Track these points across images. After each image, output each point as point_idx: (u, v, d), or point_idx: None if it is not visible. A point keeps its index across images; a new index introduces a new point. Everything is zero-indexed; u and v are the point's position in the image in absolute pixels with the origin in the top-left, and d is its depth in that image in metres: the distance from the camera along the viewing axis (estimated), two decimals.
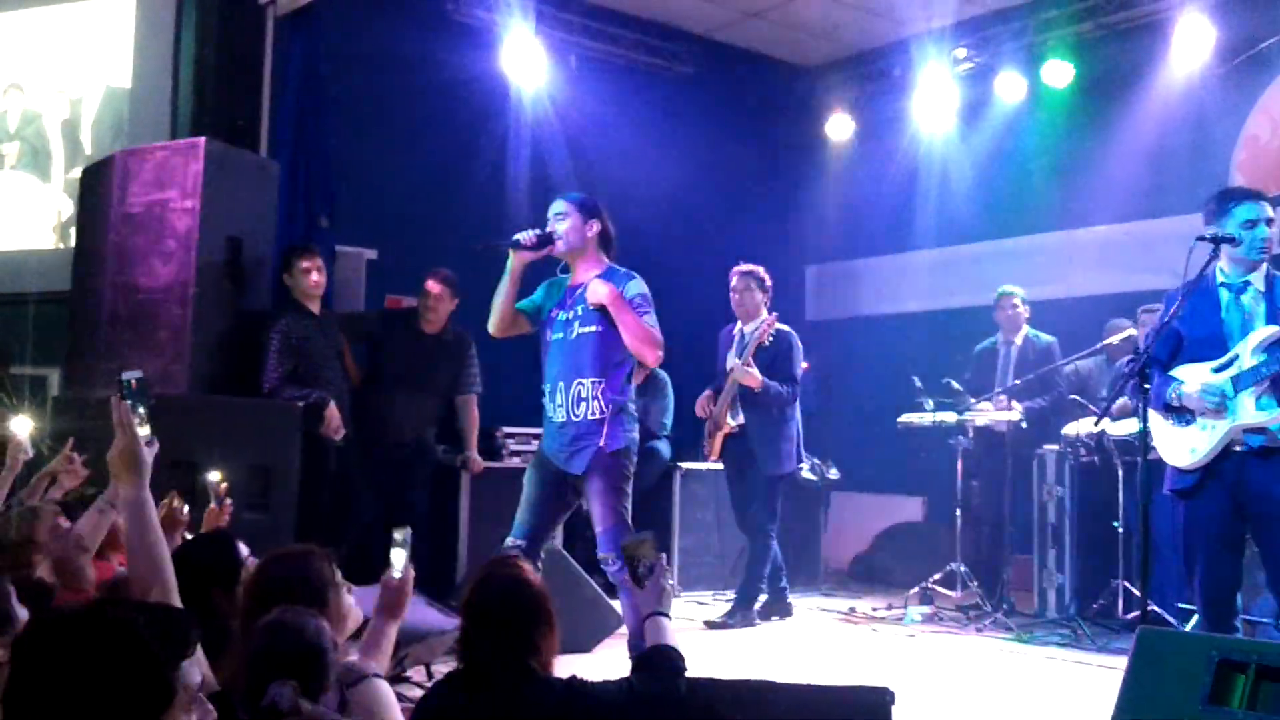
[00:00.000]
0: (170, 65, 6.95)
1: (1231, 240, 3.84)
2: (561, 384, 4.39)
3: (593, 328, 4.37)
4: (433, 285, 6.30)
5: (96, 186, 5.81)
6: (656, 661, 2.61)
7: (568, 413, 4.36)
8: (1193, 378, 3.92)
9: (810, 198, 9.74)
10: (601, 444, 4.29)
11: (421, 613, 4.37)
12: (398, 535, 2.89)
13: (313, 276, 5.79)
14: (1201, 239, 3.88)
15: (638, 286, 4.44)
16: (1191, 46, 7.41)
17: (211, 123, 6.62)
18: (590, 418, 4.32)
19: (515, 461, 6.70)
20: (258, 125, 6.81)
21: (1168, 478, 4.05)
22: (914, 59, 8.91)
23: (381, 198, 7.44)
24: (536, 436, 6.76)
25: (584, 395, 4.34)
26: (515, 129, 8.25)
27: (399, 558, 2.87)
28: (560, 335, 4.44)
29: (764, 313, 6.66)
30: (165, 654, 1.59)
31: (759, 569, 6.56)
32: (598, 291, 4.31)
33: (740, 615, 6.49)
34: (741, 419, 6.61)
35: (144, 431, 2.39)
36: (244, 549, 3.03)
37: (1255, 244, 3.88)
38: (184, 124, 6.81)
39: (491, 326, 4.57)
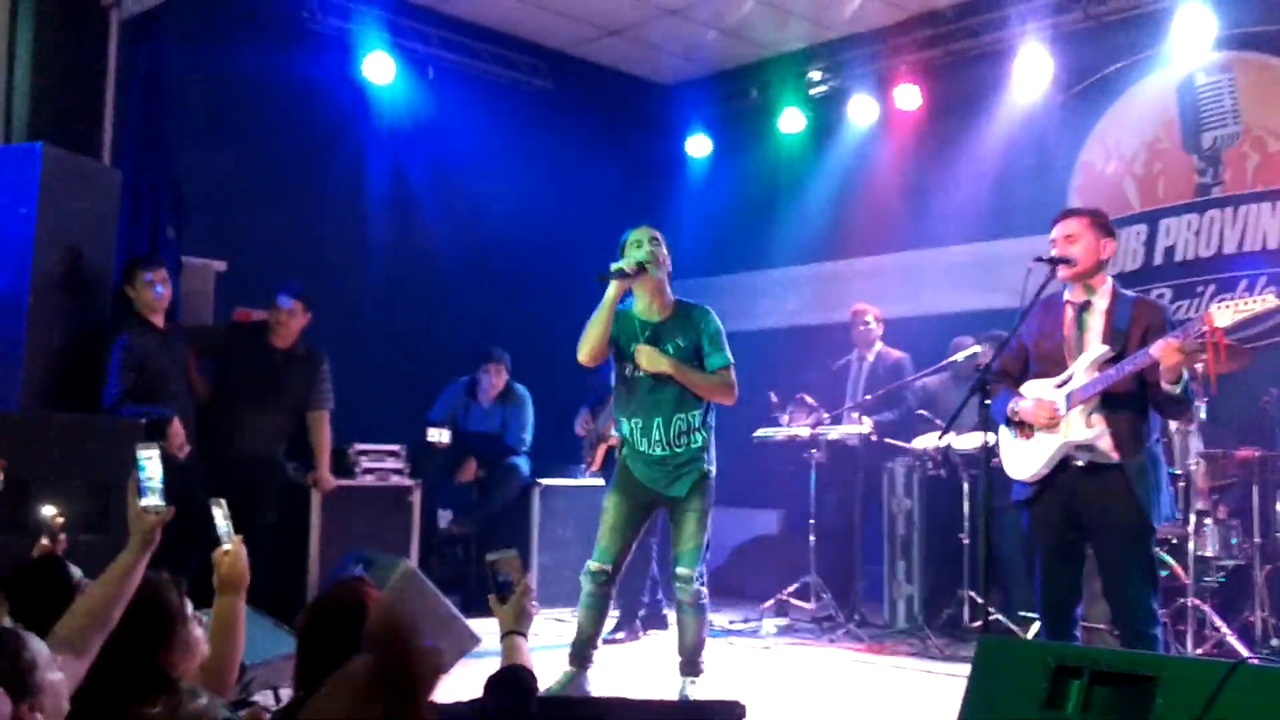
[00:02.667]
0: (5, 67, 6.61)
1: (1066, 262, 3.99)
2: (659, 420, 4.56)
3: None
4: (284, 300, 6.14)
5: None
6: (508, 682, 2.59)
7: (668, 446, 4.58)
8: (1035, 393, 4.05)
9: (669, 215, 9.78)
10: (707, 468, 4.65)
11: (267, 635, 4.25)
12: (218, 511, 2.84)
13: (156, 289, 5.59)
14: (1039, 260, 4.02)
15: (715, 323, 4.70)
16: (1032, 76, 7.74)
17: (50, 128, 6.33)
18: (694, 446, 4.60)
19: (368, 479, 6.57)
20: (100, 131, 6.53)
21: (1012, 488, 4.19)
22: (771, 80, 9.10)
23: (232, 208, 7.24)
24: (391, 454, 6.73)
25: (685, 429, 4.58)
26: (371, 140, 8.14)
27: (223, 529, 2.80)
28: (642, 372, 4.56)
29: None
30: None
31: (641, 581, 6.64)
32: (656, 364, 4.50)
33: (627, 629, 6.56)
34: None
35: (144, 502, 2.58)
36: (77, 571, 2.91)
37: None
38: (19, 128, 6.49)
39: (584, 356, 4.58)
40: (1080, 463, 3.95)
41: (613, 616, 6.80)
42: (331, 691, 1.57)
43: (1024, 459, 4.07)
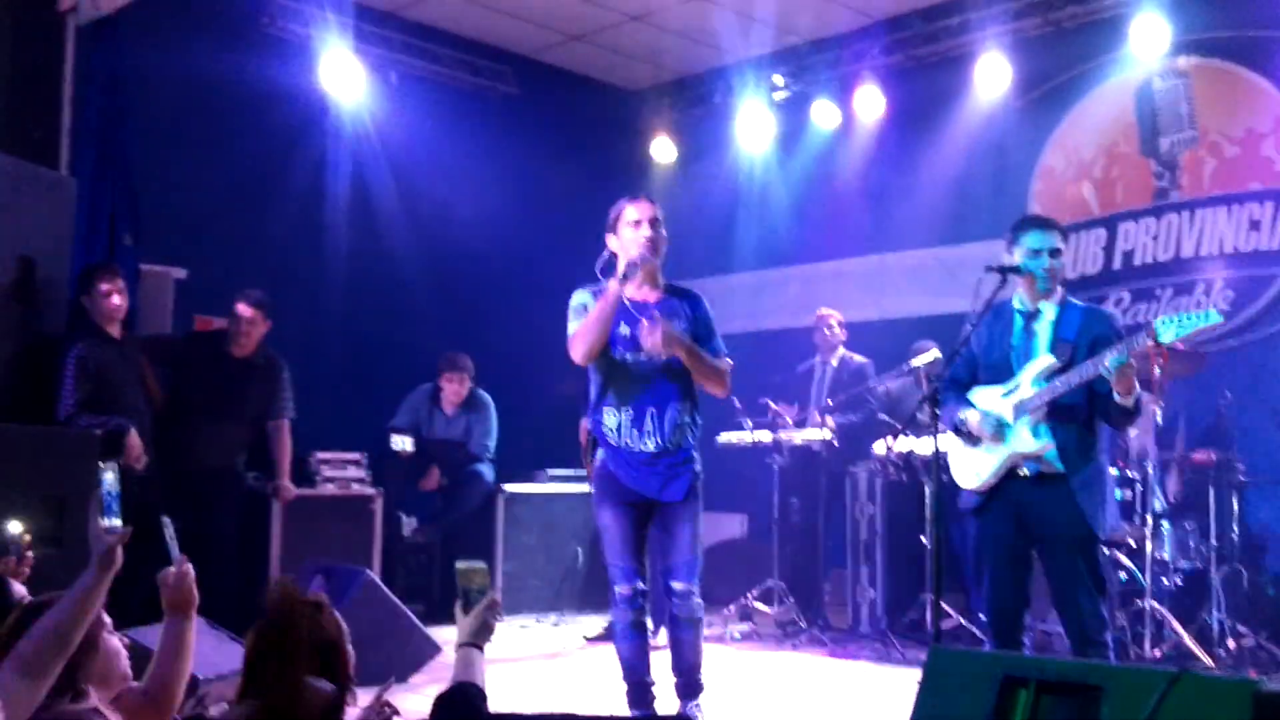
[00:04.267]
0: None
1: (1017, 270, 4.01)
2: (652, 410, 4.16)
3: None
4: (244, 308, 6.09)
5: None
6: (457, 699, 2.57)
7: (662, 440, 4.16)
8: (984, 401, 4.08)
9: None
10: (698, 469, 4.24)
11: (223, 648, 4.23)
12: (166, 531, 2.82)
13: (113, 299, 5.53)
14: (990, 269, 4.04)
15: (708, 308, 4.39)
16: (992, 81, 7.79)
17: (4, 135, 6.27)
18: (690, 442, 4.23)
19: (330, 488, 6.54)
20: (57, 138, 6.46)
21: (960, 496, 4.21)
22: (734, 85, 9.12)
23: (191, 216, 7.17)
24: (352, 462, 6.70)
25: (679, 421, 4.19)
26: (333, 146, 8.08)
27: (172, 549, 2.84)
28: (636, 356, 4.18)
29: None
30: None
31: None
32: (658, 344, 4.04)
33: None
34: None
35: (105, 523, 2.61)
36: (20, 590, 2.89)
37: (1039, 273, 4.02)
38: None
39: (580, 355, 4.20)
40: (1026, 473, 3.98)
41: (552, 625, 6.88)
42: None
43: (971, 468, 4.10)
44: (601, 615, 6.92)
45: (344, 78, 7.97)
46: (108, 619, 2.60)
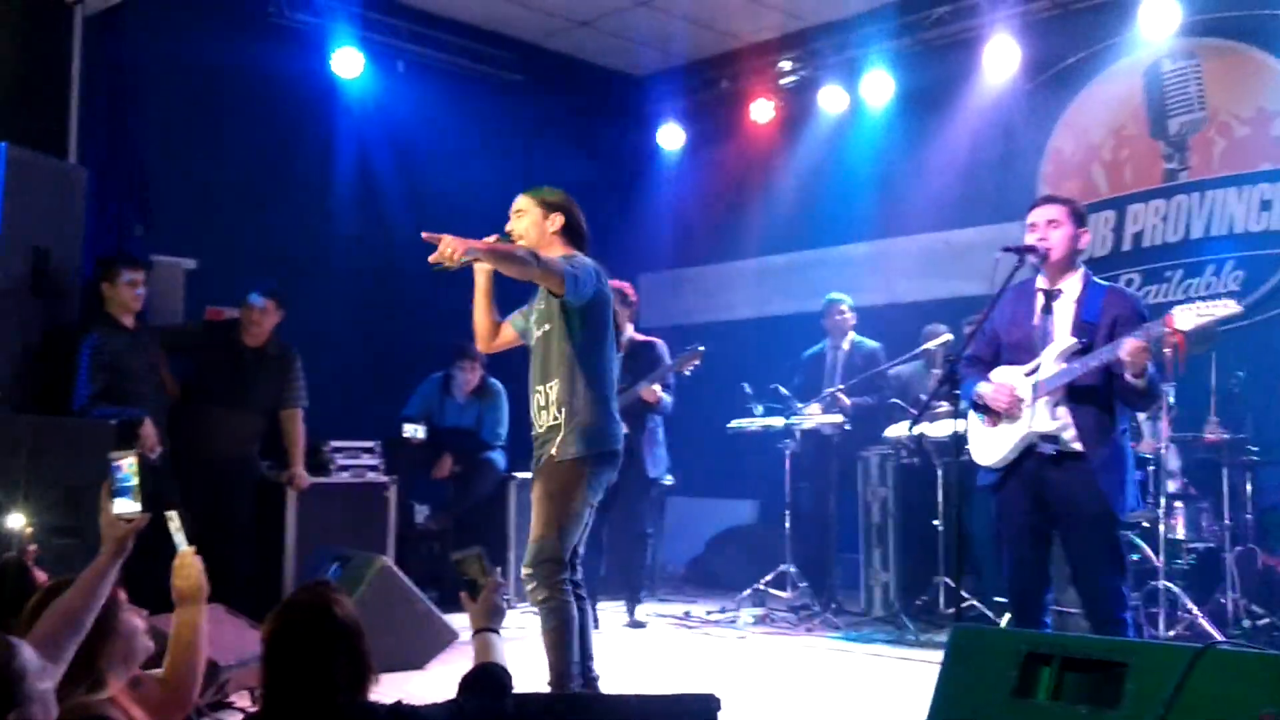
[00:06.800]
0: None
1: (1032, 250, 4.00)
2: (534, 389, 4.09)
3: (546, 326, 4.10)
4: (257, 299, 6.11)
5: None
6: (484, 680, 2.59)
7: (535, 421, 4.09)
8: (1005, 381, 4.05)
9: (641, 206, 9.82)
10: (553, 452, 3.98)
11: (243, 635, 4.24)
12: (171, 523, 2.84)
13: (137, 290, 5.58)
14: (1006, 249, 4.03)
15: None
16: (1000, 64, 7.78)
17: (14, 127, 6.26)
18: (551, 423, 4.00)
19: (343, 476, 6.55)
20: (66, 129, 6.47)
21: (978, 474, 4.21)
22: (742, 70, 9.10)
23: (201, 205, 7.19)
24: (365, 450, 6.72)
25: (542, 403, 4.05)
26: (341, 135, 8.09)
27: (178, 539, 2.83)
28: (533, 339, 4.18)
29: (629, 329, 6.60)
30: None
31: (644, 570, 6.91)
32: (448, 248, 3.72)
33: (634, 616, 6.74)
34: (624, 427, 6.68)
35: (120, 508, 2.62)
36: (41, 576, 2.91)
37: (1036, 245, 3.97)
38: None
39: (479, 345, 4.32)
40: (1045, 452, 3.96)
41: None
42: None
43: (990, 445, 4.08)
44: (614, 602, 6.95)
45: (351, 67, 7.98)
46: (124, 596, 2.61)
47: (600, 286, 4.05)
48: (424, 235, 3.77)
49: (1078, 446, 3.90)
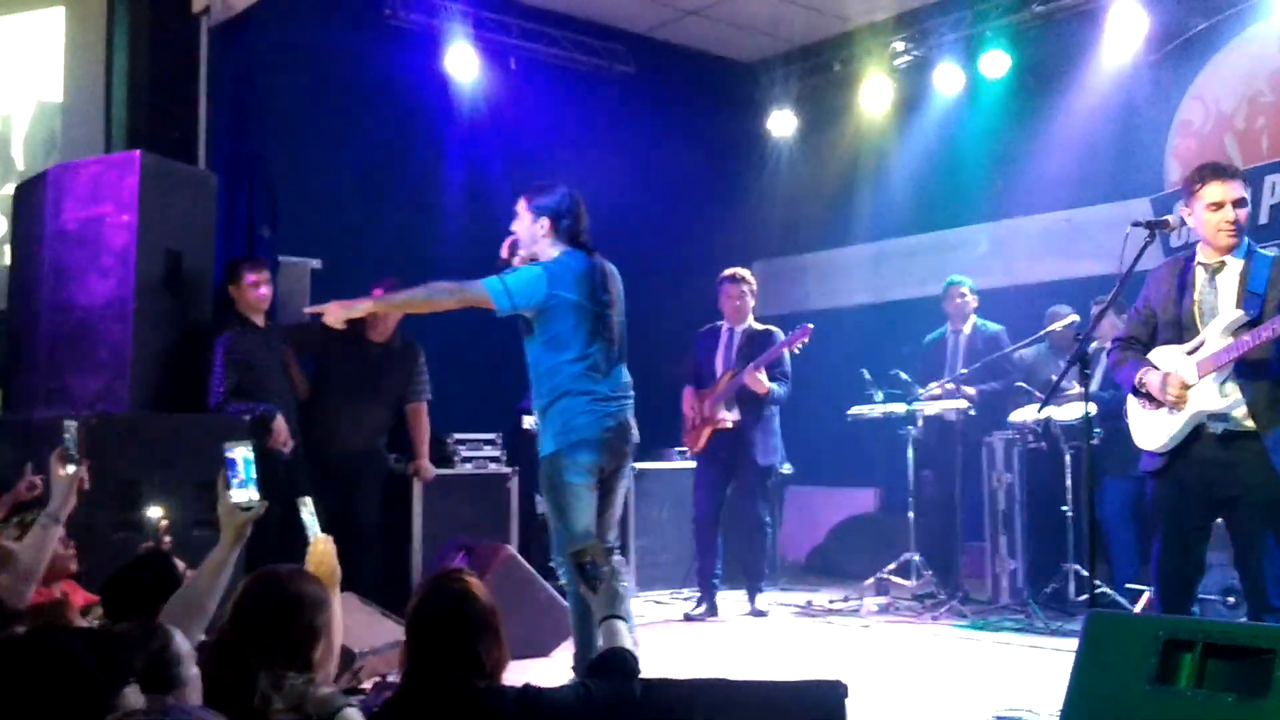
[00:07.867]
0: (103, 78, 6.82)
1: (1163, 225, 3.86)
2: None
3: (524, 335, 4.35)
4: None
5: (30, 203, 5.70)
6: (611, 664, 2.61)
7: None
8: (1166, 361, 3.89)
9: (754, 193, 9.76)
10: (539, 452, 4.31)
11: (375, 623, 4.34)
12: (304, 510, 2.90)
13: (260, 290, 5.74)
14: (1136, 224, 3.89)
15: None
16: (1124, 35, 7.51)
17: (146, 136, 6.52)
18: (536, 425, 4.37)
19: (467, 468, 6.67)
20: (194, 137, 6.71)
21: (1141, 458, 4.03)
22: (854, 53, 8.98)
23: (324, 206, 7.36)
24: (488, 442, 6.83)
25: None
26: (455, 134, 8.21)
27: (312, 527, 2.88)
28: None
29: (751, 314, 6.91)
30: (105, 679, 1.57)
31: (765, 559, 6.92)
32: (331, 317, 4.18)
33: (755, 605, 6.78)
34: (736, 414, 6.68)
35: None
36: (180, 565, 3.02)
37: (1221, 227, 3.80)
38: (118, 137, 6.69)
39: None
40: (1214, 431, 3.78)
41: (685, 600, 6.96)
42: None
43: (1154, 429, 3.91)
44: (735, 591, 6.95)
45: (465, 66, 8.09)
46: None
47: (554, 289, 4.22)
48: (306, 309, 4.22)
49: (1249, 424, 3.72)
